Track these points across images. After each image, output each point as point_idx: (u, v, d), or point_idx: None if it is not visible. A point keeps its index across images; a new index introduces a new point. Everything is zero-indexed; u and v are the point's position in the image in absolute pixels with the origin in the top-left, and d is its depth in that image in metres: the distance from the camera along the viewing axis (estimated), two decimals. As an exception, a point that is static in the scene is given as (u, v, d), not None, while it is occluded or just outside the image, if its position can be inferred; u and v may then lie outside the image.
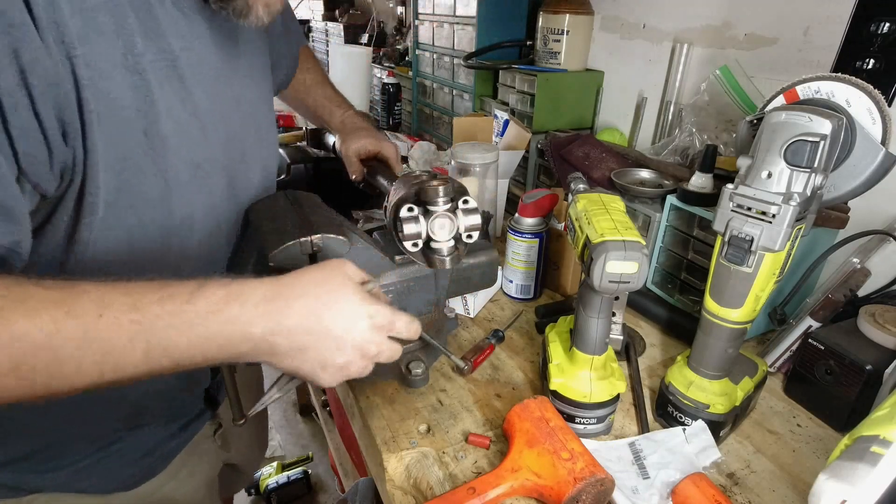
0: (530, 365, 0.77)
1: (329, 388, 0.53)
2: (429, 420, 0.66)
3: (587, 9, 1.21)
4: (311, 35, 2.74)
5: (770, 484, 0.59)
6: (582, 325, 0.60)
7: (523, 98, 1.24)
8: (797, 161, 0.50)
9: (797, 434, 0.66)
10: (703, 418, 0.62)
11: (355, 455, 1.44)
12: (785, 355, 0.74)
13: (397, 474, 0.61)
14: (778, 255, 0.53)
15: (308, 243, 0.52)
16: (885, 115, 0.54)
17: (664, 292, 0.88)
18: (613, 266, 0.53)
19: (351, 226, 0.62)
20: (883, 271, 0.76)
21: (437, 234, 0.60)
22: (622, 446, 0.62)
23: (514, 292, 0.93)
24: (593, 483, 0.51)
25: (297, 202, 0.60)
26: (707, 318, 0.60)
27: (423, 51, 1.67)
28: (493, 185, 1.03)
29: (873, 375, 0.62)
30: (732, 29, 0.97)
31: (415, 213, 0.59)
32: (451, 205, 0.60)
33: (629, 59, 1.20)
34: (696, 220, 0.80)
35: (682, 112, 1.06)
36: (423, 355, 0.68)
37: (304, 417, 2.15)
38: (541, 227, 0.87)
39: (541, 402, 0.60)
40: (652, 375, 0.75)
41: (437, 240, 0.60)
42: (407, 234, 0.58)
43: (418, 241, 0.60)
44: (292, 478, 1.78)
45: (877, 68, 0.75)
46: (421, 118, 1.80)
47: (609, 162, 0.98)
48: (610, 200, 0.63)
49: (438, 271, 0.68)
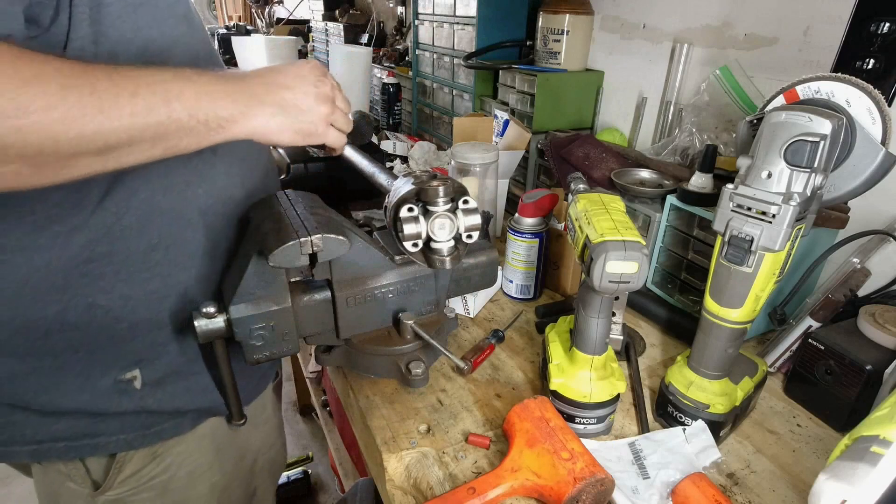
0: (530, 365, 0.77)
1: (289, 144, 0.56)
2: (429, 420, 0.66)
3: (587, 9, 1.21)
4: (311, 35, 2.74)
5: (770, 484, 0.59)
6: (582, 325, 0.61)
7: (523, 98, 1.24)
8: (797, 161, 0.50)
9: (797, 434, 0.66)
10: (703, 418, 0.62)
11: (355, 455, 1.44)
12: (785, 355, 0.74)
13: (397, 474, 0.61)
14: (778, 255, 0.53)
15: (308, 243, 0.52)
16: (885, 115, 0.54)
17: (664, 292, 0.88)
18: (613, 266, 0.53)
19: (351, 226, 0.62)
20: (883, 271, 0.77)
21: (437, 235, 0.60)
22: (622, 446, 0.62)
23: (514, 292, 0.93)
24: (593, 483, 0.51)
25: (297, 202, 0.60)
26: (707, 318, 0.60)
27: (422, 51, 1.67)
28: (493, 185, 1.03)
29: (873, 375, 0.62)
30: (732, 29, 0.97)
31: (415, 213, 0.59)
32: (451, 205, 0.60)
33: (629, 60, 1.20)
34: (696, 220, 0.80)
35: (682, 112, 1.06)
36: (423, 355, 0.68)
37: (304, 417, 2.15)
38: (541, 227, 0.87)
39: (541, 402, 0.60)
40: (652, 375, 0.75)
41: (437, 240, 0.60)
42: (407, 234, 0.58)
43: (418, 241, 0.60)
44: (292, 478, 1.78)
45: (877, 68, 0.75)
46: (421, 118, 1.80)
47: (609, 162, 0.98)
48: (610, 200, 0.63)
49: (439, 271, 0.68)
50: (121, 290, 0.53)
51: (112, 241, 0.51)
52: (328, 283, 0.62)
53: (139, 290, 0.54)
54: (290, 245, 0.52)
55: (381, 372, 0.70)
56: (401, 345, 0.67)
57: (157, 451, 0.62)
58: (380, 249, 0.64)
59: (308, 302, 0.61)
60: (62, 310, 0.51)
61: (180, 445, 0.63)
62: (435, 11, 1.55)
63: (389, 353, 0.67)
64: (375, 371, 0.70)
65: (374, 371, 0.70)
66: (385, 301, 0.66)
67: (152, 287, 0.55)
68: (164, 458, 0.62)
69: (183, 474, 0.64)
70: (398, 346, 0.67)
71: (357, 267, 0.62)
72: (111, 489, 0.61)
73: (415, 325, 0.65)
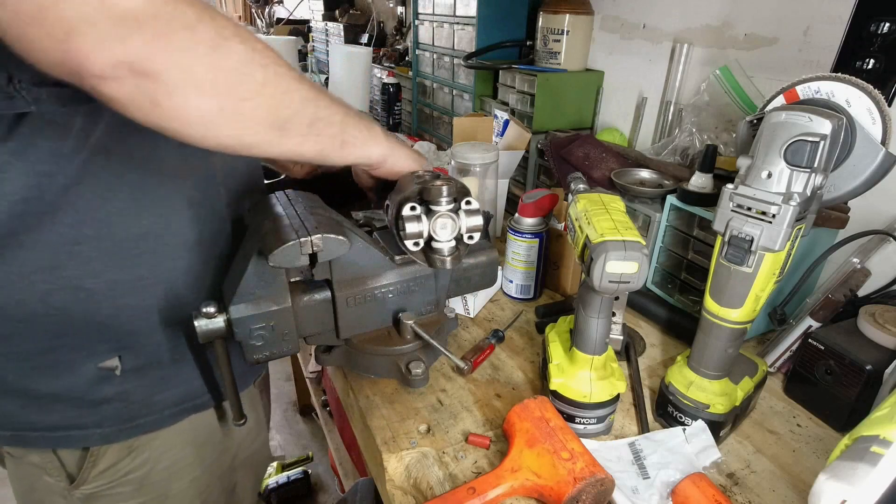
0: (530, 365, 0.77)
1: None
2: (429, 420, 0.66)
3: (587, 9, 1.21)
4: (311, 35, 2.74)
5: (770, 484, 0.59)
6: (582, 325, 0.61)
7: (523, 98, 1.24)
8: (797, 161, 0.50)
9: (797, 434, 0.66)
10: (703, 418, 0.62)
11: (355, 455, 1.44)
12: (785, 355, 0.74)
13: (397, 474, 0.61)
14: (778, 255, 0.53)
15: (308, 243, 0.52)
16: (885, 115, 0.54)
17: (664, 292, 0.88)
18: (613, 266, 0.53)
19: (351, 226, 0.62)
20: (883, 271, 0.77)
21: (438, 234, 0.60)
22: (622, 446, 0.62)
23: (514, 292, 0.93)
24: (593, 483, 0.51)
25: (297, 202, 0.60)
26: (707, 318, 0.60)
27: (422, 51, 1.67)
28: (493, 185, 1.03)
29: (873, 375, 0.62)
30: (732, 29, 0.97)
31: (417, 213, 0.59)
32: (453, 205, 0.60)
33: (629, 59, 1.20)
34: (696, 220, 0.80)
35: (682, 112, 1.06)
36: (423, 355, 0.68)
37: (304, 417, 2.16)
38: (541, 227, 0.87)
39: (541, 402, 0.60)
40: (652, 375, 0.75)
41: (438, 239, 0.60)
42: (409, 232, 0.59)
43: (420, 241, 0.60)
44: (292, 478, 1.78)
45: (877, 68, 0.75)
46: (421, 118, 1.80)
47: (609, 162, 0.98)
48: (610, 200, 0.63)
49: (439, 271, 0.68)
50: (108, 275, 0.53)
51: (99, 224, 0.51)
52: (328, 283, 0.62)
53: (126, 277, 0.54)
54: (290, 245, 0.52)
55: (381, 372, 0.70)
56: (401, 345, 0.67)
57: (134, 446, 0.61)
58: (380, 249, 0.64)
59: (308, 302, 0.61)
60: (48, 291, 0.51)
61: (157, 440, 0.62)
62: (435, 11, 1.55)
63: (389, 353, 0.67)
64: (375, 371, 0.70)
65: (374, 371, 0.70)
66: (385, 301, 0.66)
67: (139, 274, 0.55)
68: (141, 452, 0.62)
69: (161, 469, 0.64)
70: (398, 346, 0.67)
71: (357, 267, 0.62)
72: (86, 483, 0.60)
73: (415, 325, 0.65)
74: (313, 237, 0.52)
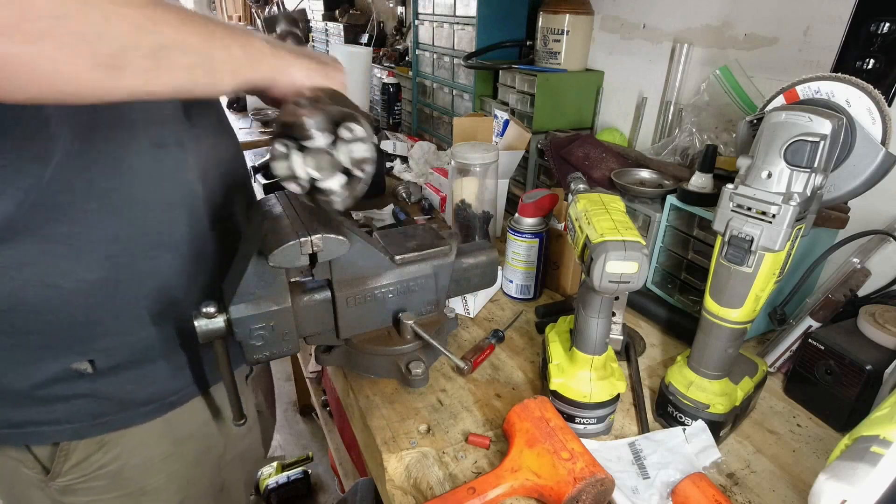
0: (530, 365, 0.77)
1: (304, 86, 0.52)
2: (429, 420, 0.66)
3: (587, 9, 1.21)
4: (311, 35, 2.74)
5: (770, 484, 0.59)
6: (582, 325, 0.61)
7: (523, 98, 1.24)
8: (797, 161, 0.50)
9: (797, 434, 0.66)
10: (703, 418, 0.62)
11: (355, 455, 1.44)
12: (785, 355, 0.74)
13: (397, 474, 0.61)
14: (778, 255, 0.53)
15: (308, 243, 0.52)
16: (885, 115, 0.54)
17: (664, 292, 0.88)
18: (613, 266, 0.53)
19: (351, 226, 0.62)
20: (883, 271, 0.77)
21: (315, 173, 0.49)
22: (622, 446, 0.62)
23: (514, 292, 0.93)
24: (593, 483, 0.51)
25: (297, 202, 0.60)
26: (707, 318, 0.60)
27: (422, 51, 1.67)
28: (493, 185, 1.03)
29: (873, 375, 0.62)
30: (732, 29, 0.97)
31: (285, 151, 0.49)
32: (330, 137, 0.49)
33: (629, 59, 1.20)
34: (696, 220, 0.80)
35: (682, 112, 1.06)
36: (423, 355, 0.68)
37: (304, 417, 2.16)
38: (541, 227, 0.87)
39: (541, 402, 0.60)
40: (652, 375, 0.75)
41: (319, 178, 0.50)
42: (278, 174, 0.49)
43: (301, 183, 0.50)
44: (292, 478, 1.78)
45: (877, 68, 0.75)
46: (421, 118, 1.80)
47: (609, 162, 0.98)
48: (610, 200, 0.63)
49: (438, 270, 0.68)
50: (79, 274, 0.53)
51: (72, 222, 0.51)
52: (328, 283, 0.62)
53: (97, 276, 0.54)
54: (290, 245, 0.52)
55: (381, 372, 0.70)
56: (401, 345, 0.67)
57: (105, 440, 0.61)
58: (380, 249, 0.64)
59: (308, 302, 0.61)
60: (18, 286, 0.50)
61: (127, 437, 0.62)
62: (435, 11, 1.55)
63: (389, 353, 0.67)
64: (375, 371, 0.70)
65: (374, 371, 0.70)
66: (385, 301, 0.66)
67: (111, 275, 0.55)
68: (113, 447, 0.61)
69: (136, 463, 0.63)
70: (398, 346, 0.67)
71: (357, 267, 0.62)
72: (60, 476, 0.60)
73: (415, 325, 0.65)
74: (313, 237, 0.52)
